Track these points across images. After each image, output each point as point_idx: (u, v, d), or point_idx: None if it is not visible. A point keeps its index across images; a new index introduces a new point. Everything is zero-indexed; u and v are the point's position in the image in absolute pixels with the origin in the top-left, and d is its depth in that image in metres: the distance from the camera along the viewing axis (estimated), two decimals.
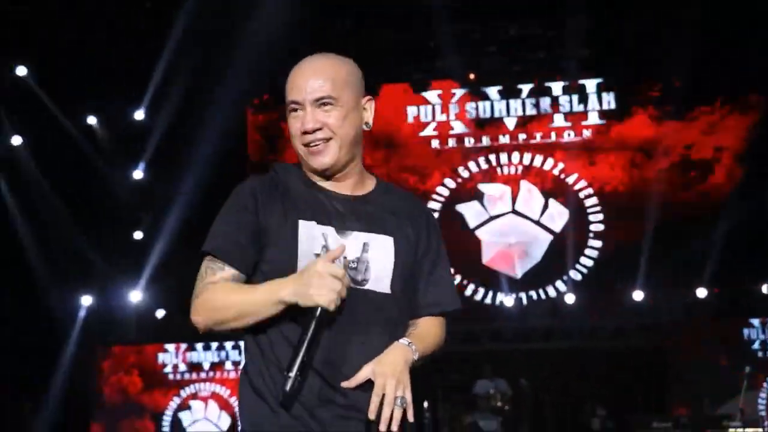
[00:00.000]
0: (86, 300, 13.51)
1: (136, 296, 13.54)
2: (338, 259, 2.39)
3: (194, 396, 13.06)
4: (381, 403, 2.38)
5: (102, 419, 13.26)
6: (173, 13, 11.68)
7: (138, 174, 13.73)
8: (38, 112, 12.63)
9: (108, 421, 13.22)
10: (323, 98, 2.46)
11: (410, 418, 2.39)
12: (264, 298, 2.40)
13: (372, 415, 2.36)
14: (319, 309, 2.32)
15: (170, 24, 11.83)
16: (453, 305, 2.66)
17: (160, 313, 13.57)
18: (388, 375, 2.38)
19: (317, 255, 2.42)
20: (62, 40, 11.84)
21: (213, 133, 12.28)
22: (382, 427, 2.36)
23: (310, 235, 2.46)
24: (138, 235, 13.75)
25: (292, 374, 2.32)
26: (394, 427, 2.37)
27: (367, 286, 2.48)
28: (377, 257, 2.50)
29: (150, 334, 13.42)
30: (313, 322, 2.33)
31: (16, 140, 12.89)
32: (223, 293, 2.45)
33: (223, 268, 2.48)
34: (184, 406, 13.07)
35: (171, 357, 13.23)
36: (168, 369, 13.20)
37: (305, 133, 2.51)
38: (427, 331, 2.58)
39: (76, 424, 13.24)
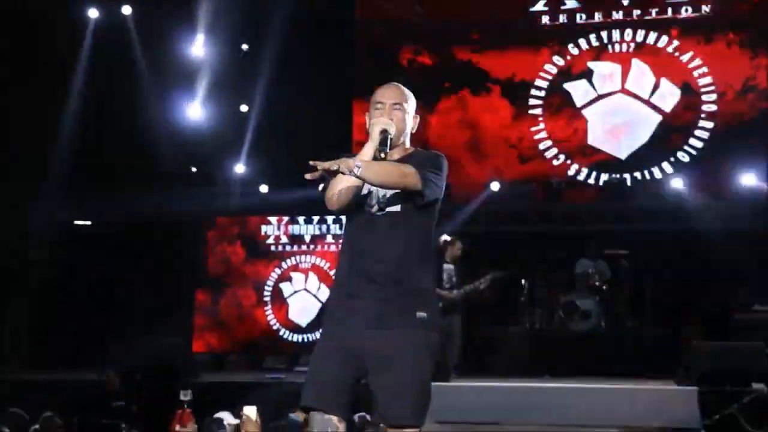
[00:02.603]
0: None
1: (240, 168, 13.76)
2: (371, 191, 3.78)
3: (295, 268, 13.24)
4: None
5: (207, 287, 13.63)
6: None
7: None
8: None
9: (212, 290, 13.58)
10: (396, 103, 3.88)
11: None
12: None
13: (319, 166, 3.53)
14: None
15: None
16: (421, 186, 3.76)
17: (264, 188, 13.76)
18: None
19: (365, 195, 3.77)
20: None
21: None
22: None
23: (366, 185, 3.75)
24: (243, 107, 13.89)
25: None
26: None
27: (387, 210, 3.77)
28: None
29: (253, 207, 13.62)
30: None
31: None
32: None
33: None
34: (284, 277, 13.29)
35: (273, 229, 13.40)
36: (270, 240, 13.41)
37: None
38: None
39: (183, 292, 13.66)
